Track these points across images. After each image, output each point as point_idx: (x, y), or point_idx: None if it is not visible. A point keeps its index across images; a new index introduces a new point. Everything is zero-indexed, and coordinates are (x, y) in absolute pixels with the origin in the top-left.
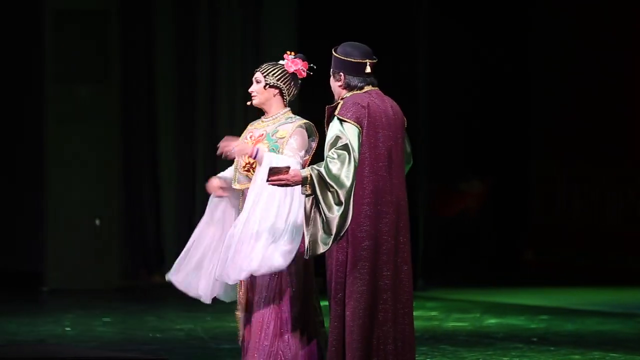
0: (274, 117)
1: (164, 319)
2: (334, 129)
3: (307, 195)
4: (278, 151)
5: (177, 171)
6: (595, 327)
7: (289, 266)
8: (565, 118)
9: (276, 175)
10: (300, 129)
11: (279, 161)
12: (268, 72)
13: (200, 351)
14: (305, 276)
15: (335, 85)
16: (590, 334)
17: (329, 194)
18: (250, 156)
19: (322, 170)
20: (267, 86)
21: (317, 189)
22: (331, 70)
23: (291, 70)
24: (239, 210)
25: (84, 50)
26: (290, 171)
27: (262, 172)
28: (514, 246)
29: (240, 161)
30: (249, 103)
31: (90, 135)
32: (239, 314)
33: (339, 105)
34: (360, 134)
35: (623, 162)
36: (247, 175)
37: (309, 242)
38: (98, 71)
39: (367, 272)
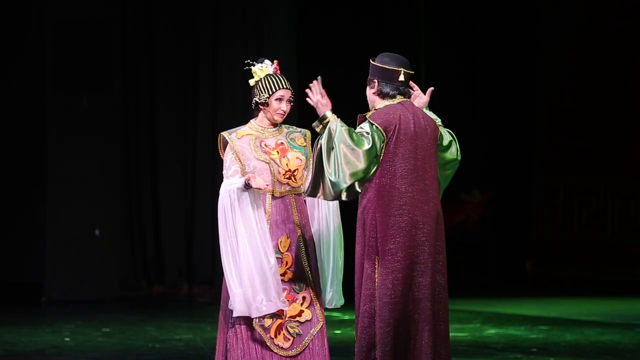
0: (277, 127)
1: (163, 329)
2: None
3: (318, 132)
4: (308, 158)
5: (177, 181)
6: (594, 338)
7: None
8: (566, 129)
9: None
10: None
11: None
12: (292, 91)
13: None
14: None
15: (369, 92)
16: (589, 344)
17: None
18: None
19: (343, 129)
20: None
21: (325, 135)
22: (368, 78)
23: None
24: (263, 211)
25: (84, 60)
26: (328, 106)
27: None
28: (514, 257)
29: (280, 169)
30: (279, 119)
31: (91, 145)
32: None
33: (371, 113)
34: (384, 143)
35: (623, 174)
36: (288, 183)
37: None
38: (99, 81)
39: (400, 284)
